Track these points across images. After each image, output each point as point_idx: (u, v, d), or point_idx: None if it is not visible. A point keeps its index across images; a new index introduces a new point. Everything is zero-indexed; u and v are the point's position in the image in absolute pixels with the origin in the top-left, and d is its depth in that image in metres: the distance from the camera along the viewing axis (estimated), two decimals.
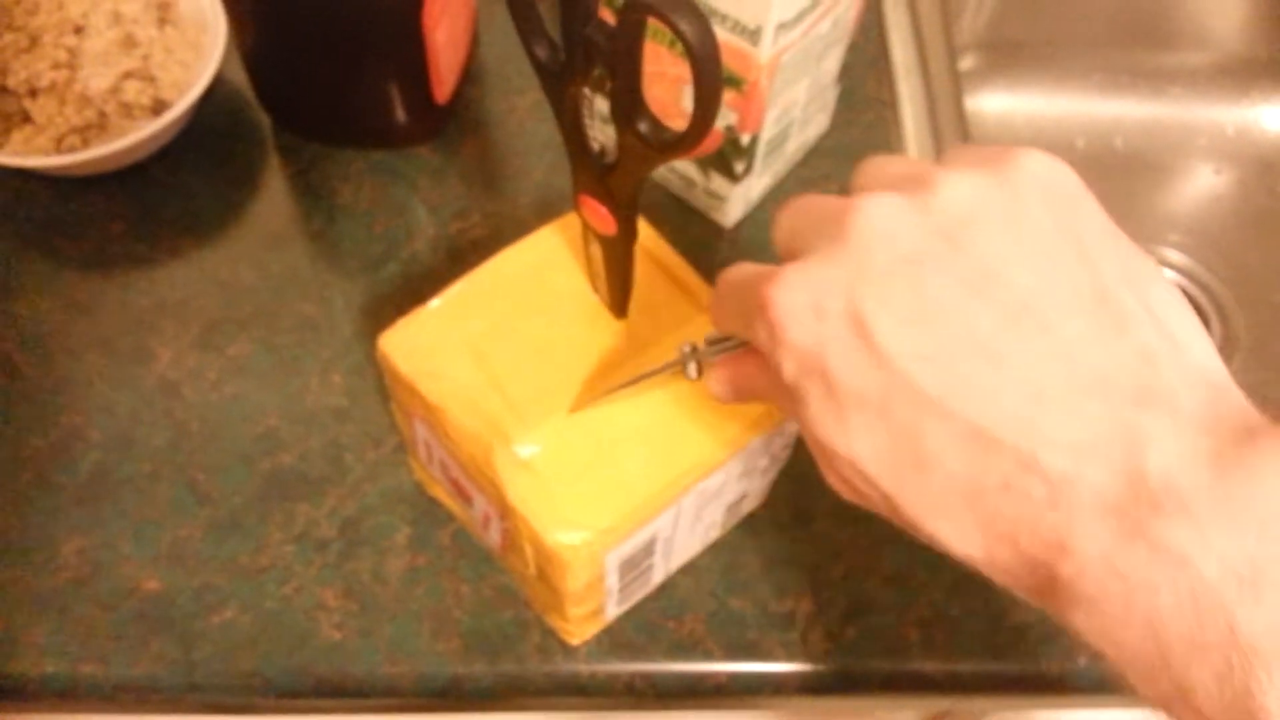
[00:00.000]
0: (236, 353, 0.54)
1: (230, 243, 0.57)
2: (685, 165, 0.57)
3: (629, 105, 0.34)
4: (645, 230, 0.43)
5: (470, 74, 0.62)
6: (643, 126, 0.35)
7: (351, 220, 0.58)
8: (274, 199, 0.59)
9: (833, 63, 0.56)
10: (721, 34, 0.49)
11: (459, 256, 0.57)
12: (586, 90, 0.36)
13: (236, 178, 0.59)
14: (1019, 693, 0.49)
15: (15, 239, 0.57)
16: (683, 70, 0.52)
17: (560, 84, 0.37)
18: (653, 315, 0.43)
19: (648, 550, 0.43)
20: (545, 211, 0.50)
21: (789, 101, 0.53)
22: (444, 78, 0.58)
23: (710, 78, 0.31)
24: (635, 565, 0.44)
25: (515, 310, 0.43)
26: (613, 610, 0.47)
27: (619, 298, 0.42)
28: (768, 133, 0.53)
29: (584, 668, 0.47)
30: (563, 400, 0.41)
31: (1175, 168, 0.80)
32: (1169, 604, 0.23)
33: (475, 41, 0.63)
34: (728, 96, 0.51)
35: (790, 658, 0.48)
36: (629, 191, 0.38)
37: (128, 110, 0.57)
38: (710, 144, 0.55)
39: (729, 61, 0.50)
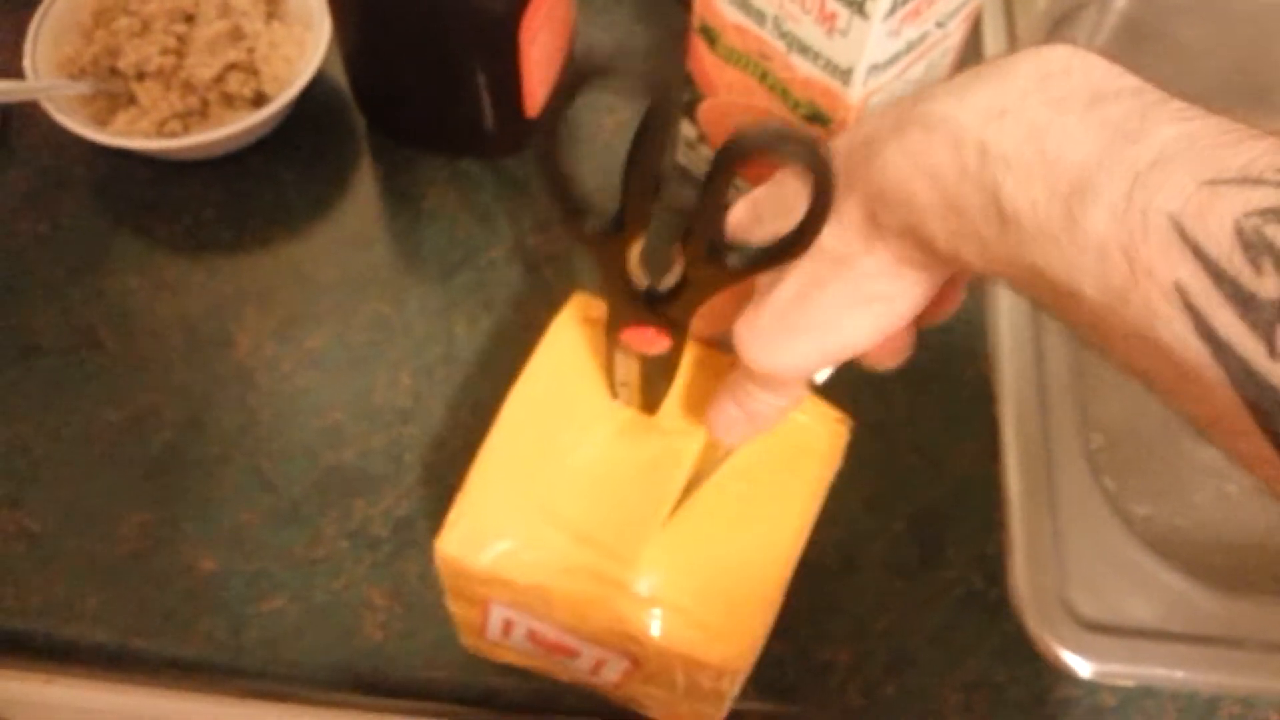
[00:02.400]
0: (312, 346, 0.55)
1: (316, 237, 0.58)
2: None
3: (715, 241, 0.34)
4: None
5: (561, 90, 0.63)
6: (731, 260, 0.34)
7: (433, 225, 0.59)
8: (361, 198, 0.60)
9: None
10: (813, 71, 0.49)
11: (535, 268, 0.57)
12: (639, 241, 0.35)
13: (328, 175, 0.61)
14: None
15: (110, 216, 0.59)
16: (771, 102, 0.52)
17: (609, 244, 0.36)
18: (683, 401, 0.42)
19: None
20: None
21: None
22: (535, 91, 0.59)
23: (825, 204, 0.31)
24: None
25: (551, 450, 0.41)
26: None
27: (656, 399, 0.41)
28: None
29: (619, 692, 0.47)
30: (645, 519, 0.40)
31: None
32: (938, 155, 0.30)
33: (569, 58, 0.64)
34: (814, 133, 0.51)
35: (825, 707, 0.48)
36: (691, 311, 0.37)
37: (229, 100, 0.59)
38: None
39: (818, 99, 0.49)
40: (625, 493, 0.40)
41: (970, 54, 0.64)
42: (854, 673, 0.48)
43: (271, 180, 0.60)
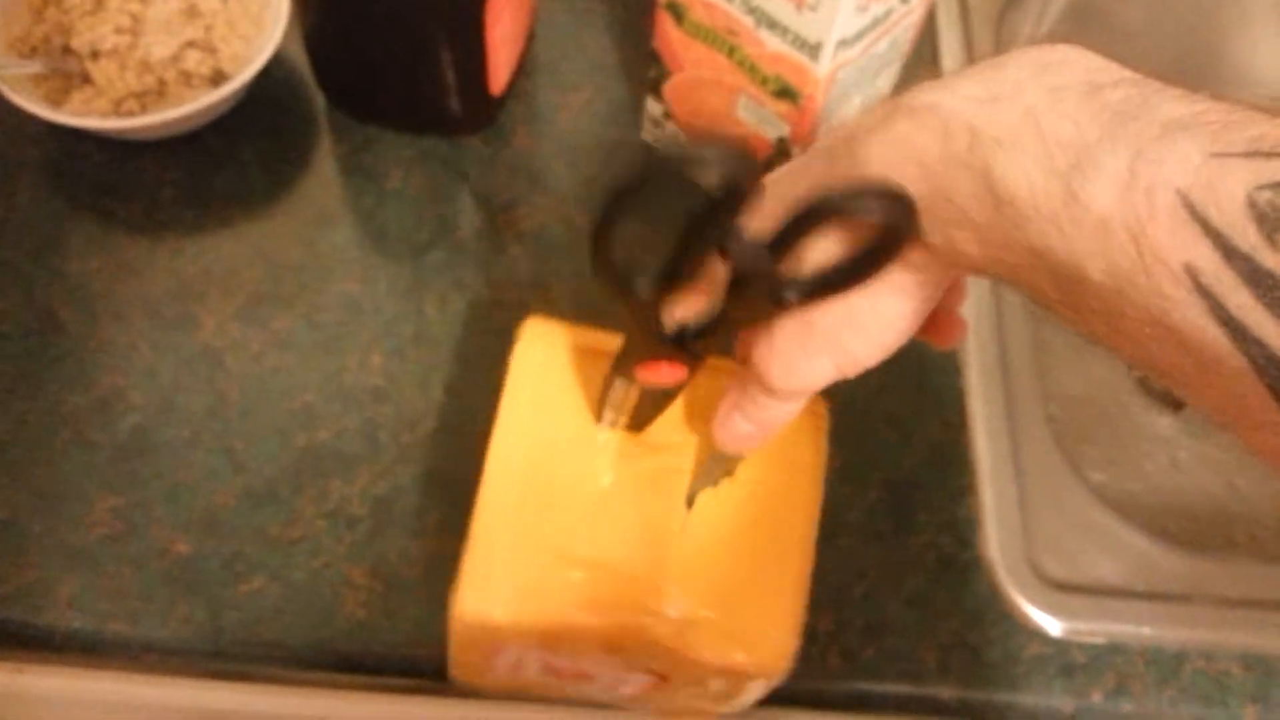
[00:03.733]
0: (279, 327, 0.54)
1: (279, 218, 0.58)
2: None
3: (780, 285, 0.32)
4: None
5: (525, 67, 0.63)
6: (788, 294, 0.32)
7: (400, 204, 0.58)
8: (324, 178, 0.59)
9: (886, 82, 0.56)
10: (781, 47, 0.49)
11: (503, 248, 0.57)
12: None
13: (289, 154, 0.60)
14: None
15: (67, 198, 0.58)
16: (739, 79, 0.52)
17: (651, 302, 0.34)
18: (669, 414, 0.41)
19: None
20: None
21: (842, 118, 0.53)
22: (500, 68, 0.59)
23: (894, 254, 0.30)
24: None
25: (547, 486, 0.40)
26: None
27: (648, 419, 0.41)
28: None
29: None
30: (657, 539, 0.40)
31: None
32: (925, 140, 0.29)
33: (532, 36, 0.64)
34: (782, 108, 0.51)
35: (808, 673, 0.48)
36: (720, 346, 0.36)
37: (187, 79, 0.58)
38: (758, 153, 0.55)
39: (785, 74, 0.50)
40: (631, 516, 0.40)
41: (926, 33, 0.65)
42: (834, 638, 0.49)
43: (231, 160, 0.59)
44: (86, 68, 0.57)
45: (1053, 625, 0.49)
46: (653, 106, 0.58)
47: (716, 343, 0.36)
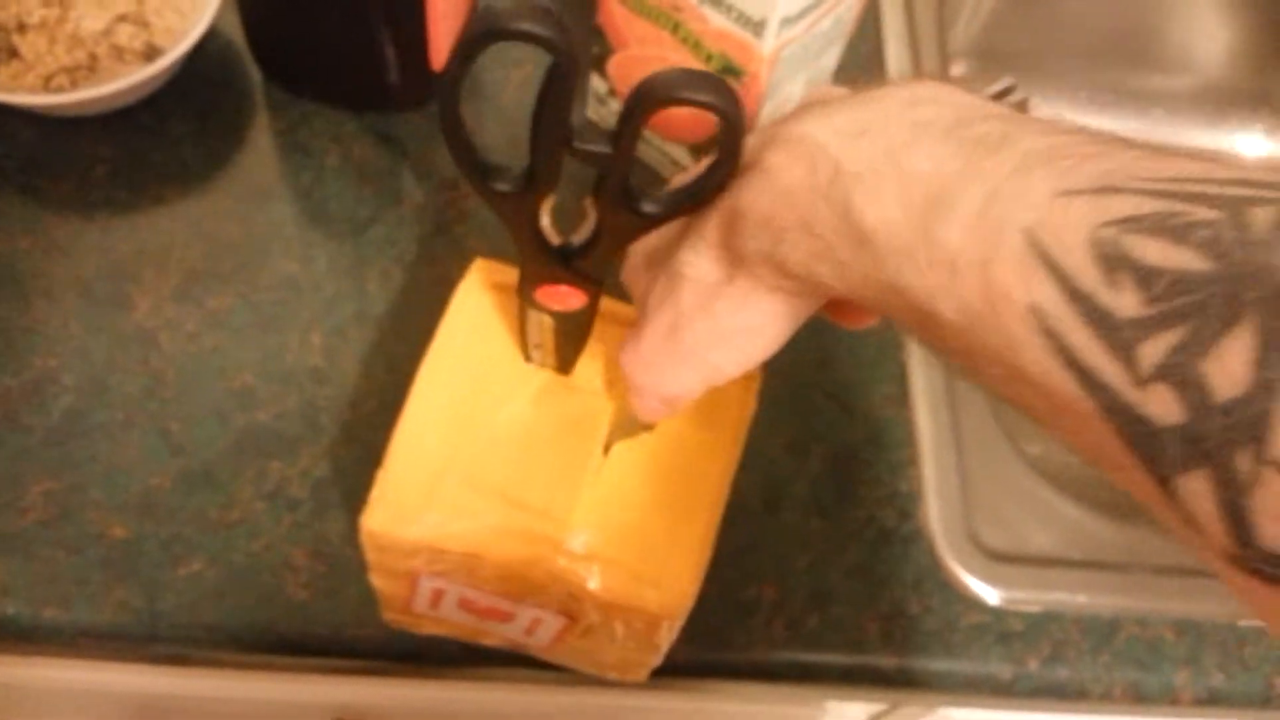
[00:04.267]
0: (216, 306, 0.53)
1: (215, 195, 0.57)
2: (679, 151, 0.57)
3: (629, 189, 0.34)
4: None
5: (461, 46, 0.62)
6: (647, 206, 0.34)
7: (339, 181, 0.57)
8: (261, 154, 0.58)
9: (830, 60, 0.56)
10: (725, 24, 0.49)
11: (446, 225, 0.57)
12: (551, 198, 0.35)
13: (224, 130, 0.59)
14: (970, 692, 0.50)
15: None
16: (683, 56, 0.52)
17: (519, 203, 0.35)
18: (596, 358, 0.42)
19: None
20: None
21: (786, 96, 0.54)
22: (440, 42, 0.57)
23: (735, 141, 0.31)
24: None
25: (470, 416, 0.40)
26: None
27: (570, 358, 0.41)
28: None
29: None
30: (571, 478, 0.40)
31: None
32: (794, 172, 0.29)
33: (473, 9, 0.63)
34: None
35: (751, 644, 0.49)
36: (605, 263, 0.37)
37: (119, 54, 0.56)
38: (703, 130, 0.55)
39: (730, 51, 0.50)
40: (549, 453, 0.40)
41: (869, 11, 0.65)
42: (778, 609, 0.49)
43: (164, 136, 0.58)
44: (13, 42, 0.56)
45: (990, 595, 0.50)
46: (597, 83, 0.58)
47: (601, 260, 0.36)
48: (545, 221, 0.36)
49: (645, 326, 0.35)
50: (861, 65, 0.63)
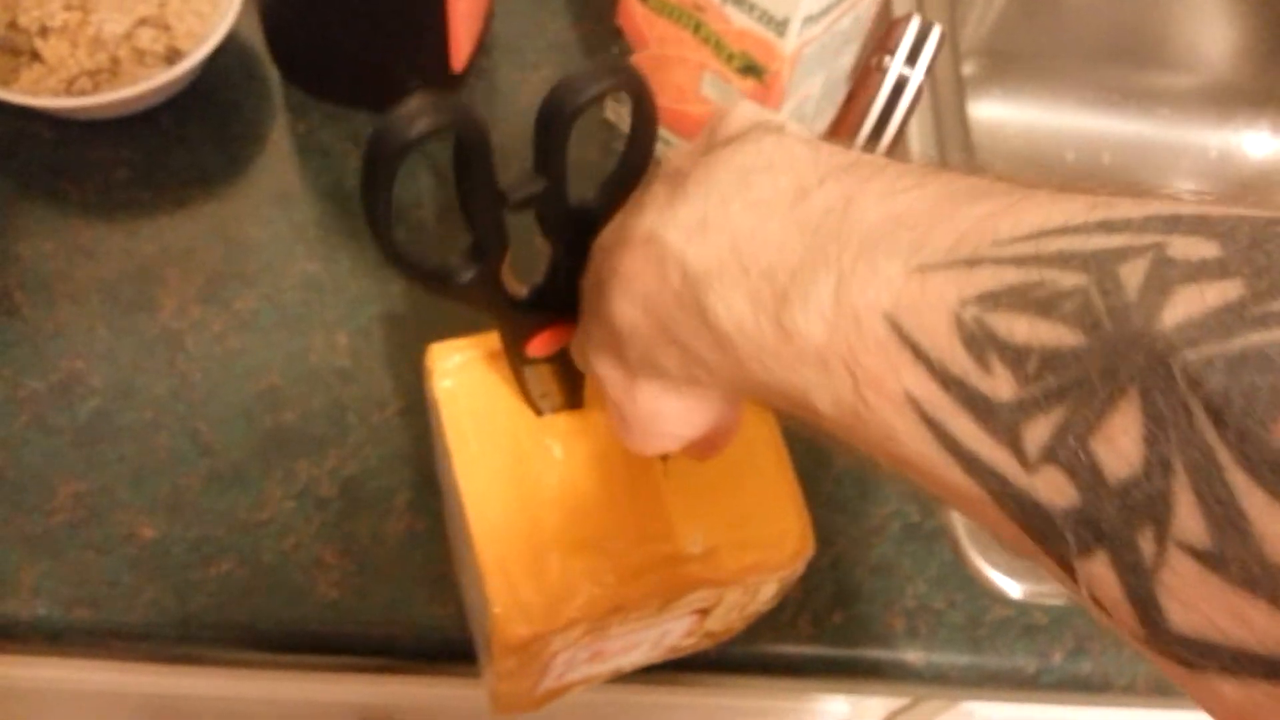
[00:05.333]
0: (241, 307, 0.54)
1: (237, 197, 0.57)
2: None
3: (570, 210, 0.33)
4: None
5: (484, 45, 0.62)
6: (593, 212, 0.33)
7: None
8: (282, 157, 0.59)
9: (847, 59, 0.57)
10: (748, 23, 0.49)
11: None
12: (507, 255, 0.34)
13: (245, 133, 0.59)
14: (994, 685, 0.51)
15: (18, 180, 0.56)
16: (705, 55, 0.53)
17: (484, 282, 0.34)
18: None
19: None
20: None
21: (805, 95, 0.54)
22: (461, 46, 0.58)
23: (648, 116, 0.31)
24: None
25: (529, 496, 0.40)
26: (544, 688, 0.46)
27: (578, 388, 0.41)
28: None
29: None
30: (650, 493, 0.40)
31: (1159, 186, 0.82)
32: (647, 279, 0.28)
33: (491, 14, 0.63)
34: (747, 86, 0.52)
35: (779, 639, 0.49)
36: (575, 286, 0.36)
37: (140, 57, 0.57)
38: None
39: (752, 50, 0.50)
40: (616, 486, 0.40)
41: (883, 10, 0.66)
42: (803, 606, 0.50)
43: (185, 139, 0.58)
44: (36, 45, 0.56)
45: (1014, 588, 0.51)
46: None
47: (571, 288, 0.36)
48: (508, 279, 0.35)
49: (603, 398, 0.34)
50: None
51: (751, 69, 0.51)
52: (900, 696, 0.60)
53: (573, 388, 0.41)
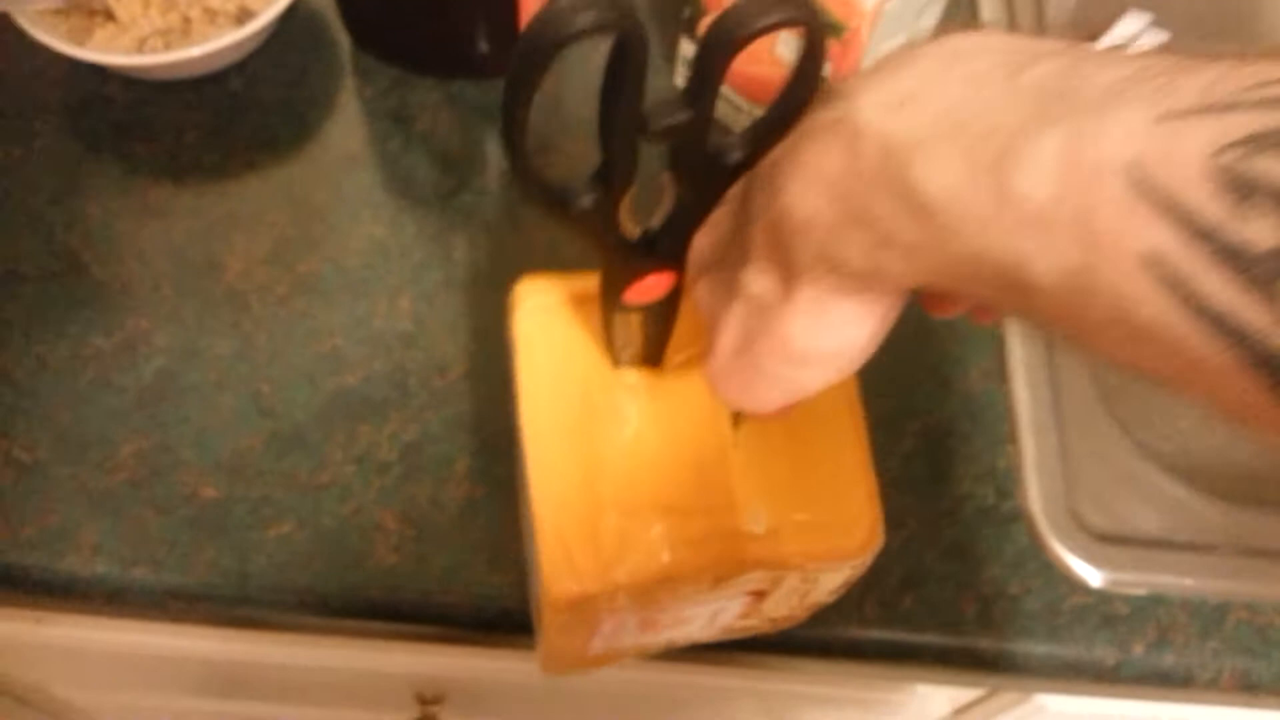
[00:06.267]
0: (306, 270, 0.53)
1: (304, 161, 0.57)
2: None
3: (709, 152, 0.31)
4: None
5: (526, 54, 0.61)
6: (731, 157, 0.31)
7: (427, 148, 0.57)
8: (350, 121, 0.58)
9: (929, 21, 0.55)
10: None
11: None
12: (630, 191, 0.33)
13: (313, 97, 0.59)
14: (1071, 677, 0.49)
15: (88, 139, 0.56)
16: None
17: (601, 213, 0.33)
18: (678, 335, 0.40)
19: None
20: None
21: (884, 56, 0.52)
22: (530, 8, 0.57)
23: (818, 55, 0.29)
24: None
25: (592, 450, 0.39)
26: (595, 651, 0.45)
27: (661, 346, 0.39)
28: None
29: None
30: (717, 462, 0.39)
31: None
32: (833, 161, 0.26)
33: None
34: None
35: (844, 622, 0.48)
36: (688, 237, 0.34)
37: (212, 17, 0.56)
38: None
39: (832, 7, 0.49)
40: (685, 449, 0.39)
41: None
42: (871, 588, 0.48)
43: (254, 102, 0.58)
44: (109, 4, 0.56)
45: (1094, 576, 0.49)
46: (686, 47, 0.57)
47: (685, 236, 0.34)
48: (624, 217, 0.33)
49: (715, 341, 0.32)
50: (958, 30, 0.62)
51: (831, 26, 0.49)
52: (971, 687, 0.58)
53: (657, 344, 0.40)
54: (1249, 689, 0.48)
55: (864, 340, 0.30)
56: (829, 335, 0.29)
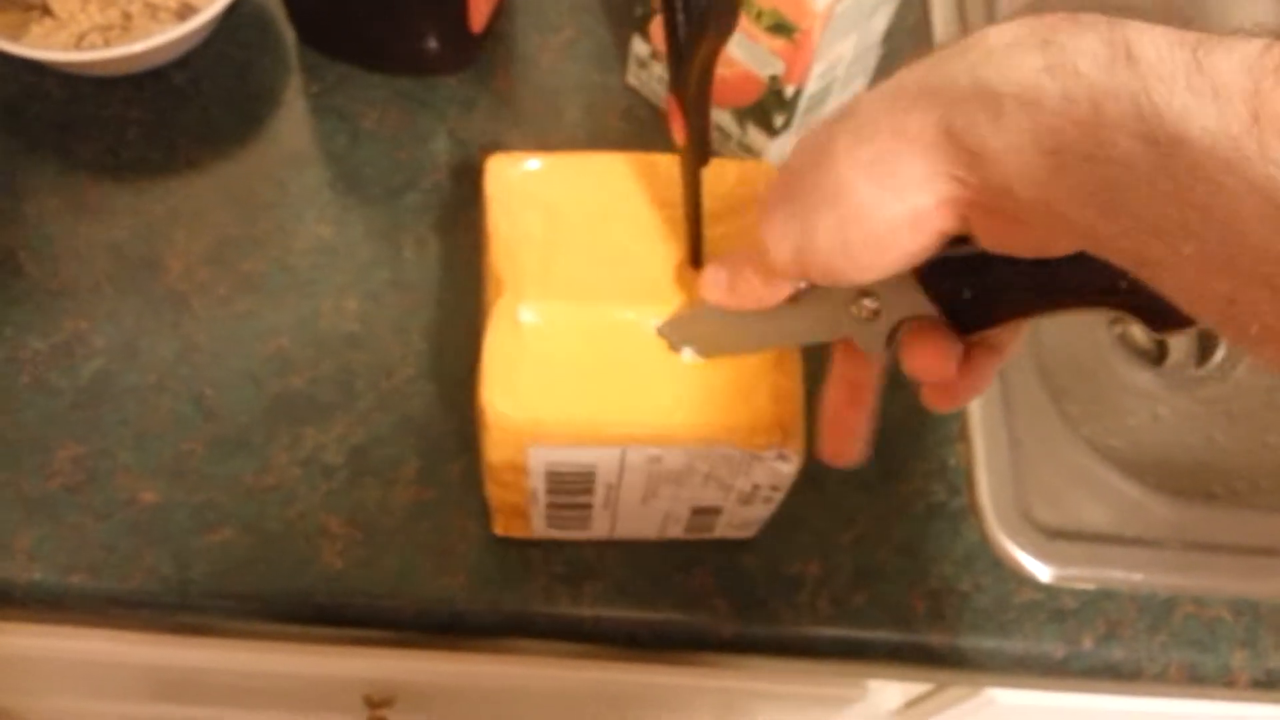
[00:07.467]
0: (250, 270, 0.52)
1: (248, 158, 0.56)
2: (722, 116, 0.55)
3: None
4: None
5: (504, 7, 0.61)
6: None
7: (374, 145, 0.56)
8: (295, 118, 0.57)
9: (881, 21, 0.55)
10: None
11: (480, 194, 0.55)
12: None
13: (257, 93, 0.58)
14: (1021, 671, 0.49)
15: (25, 137, 0.55)
16: None
17: None
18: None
19: (584, 482, 0.42)
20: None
21: (836, 56, 0.52)
22: (481, 6, 0.56)
23: None
24: (568, 489, 0.42)
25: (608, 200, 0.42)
26: (540, 525, 0.45)
27: (694, 239, 0.40)
28: (812, 86, 0.52)
29: (588, 613, 0.47)
30: (593, 294, 0.40)
31: None
32: (1086, 42, 0.26)
33: None
34: (777, 44, 0.50)
35: (796, 620, 0.47)
36: (696, 82, 0.37)
37: (153, 12, 0.55)
38: (750, 93, 0.53)
39: (782, 8, 0.48)
40: (614, 265, 0.40)
41: None
42: (823, 585, 0.48)
43: (197, 98, 0.57)
44: (46, 0, 0.55)
45: (1043, 571, 0.49)
46: (639, 46, 0.56)
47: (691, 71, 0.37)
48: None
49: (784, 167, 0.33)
50: (908, 31, 0.62)
51: (781, 27, 0.49)
52: (922, 682, 0.58)
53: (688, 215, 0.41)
54: (1196, 681, 0.49)
55: (918, 249, 0.30)
56: (891, 197, 0.30)
